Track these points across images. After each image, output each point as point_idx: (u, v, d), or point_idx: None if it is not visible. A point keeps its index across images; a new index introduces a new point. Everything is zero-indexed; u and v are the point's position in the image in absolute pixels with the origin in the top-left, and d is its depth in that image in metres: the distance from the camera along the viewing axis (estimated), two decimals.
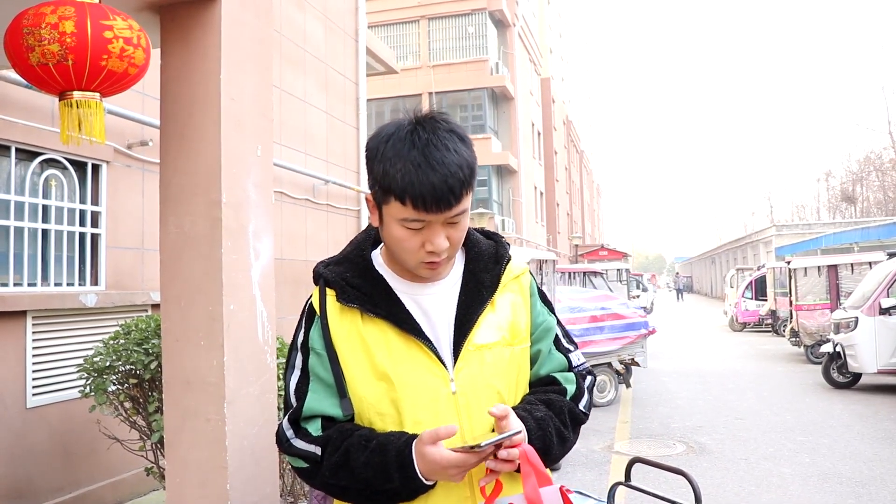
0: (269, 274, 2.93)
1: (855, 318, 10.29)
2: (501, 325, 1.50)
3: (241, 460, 2.68)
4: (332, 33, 9.25)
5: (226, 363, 2.64)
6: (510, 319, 1.51)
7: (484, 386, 1.43)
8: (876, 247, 20.64)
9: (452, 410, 1.40)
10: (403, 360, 1.41)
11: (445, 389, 1.40)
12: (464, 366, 1.42)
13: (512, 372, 1.49)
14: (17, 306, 4.55)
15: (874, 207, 47.95)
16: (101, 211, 5.39)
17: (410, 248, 1.38)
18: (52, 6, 2.36)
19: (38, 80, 2.45)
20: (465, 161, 1.35)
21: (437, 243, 1.36)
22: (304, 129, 8.40)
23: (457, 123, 1.41)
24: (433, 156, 1.32)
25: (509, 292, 1.54)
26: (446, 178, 1.31)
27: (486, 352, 1.45)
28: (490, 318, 1.49)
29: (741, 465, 6.49)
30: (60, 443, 4.86)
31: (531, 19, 36.59)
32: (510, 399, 1.47)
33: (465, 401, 1.41)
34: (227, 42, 2.79)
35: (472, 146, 1.40)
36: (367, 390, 1.41)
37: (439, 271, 1.45)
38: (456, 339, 1.44)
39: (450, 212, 1.34)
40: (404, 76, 21.70)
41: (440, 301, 1.48)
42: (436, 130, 1.35)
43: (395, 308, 1.44)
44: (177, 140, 2.80)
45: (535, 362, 1.57)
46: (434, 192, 1.31)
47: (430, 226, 1.36)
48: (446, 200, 1.32)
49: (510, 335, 1.50)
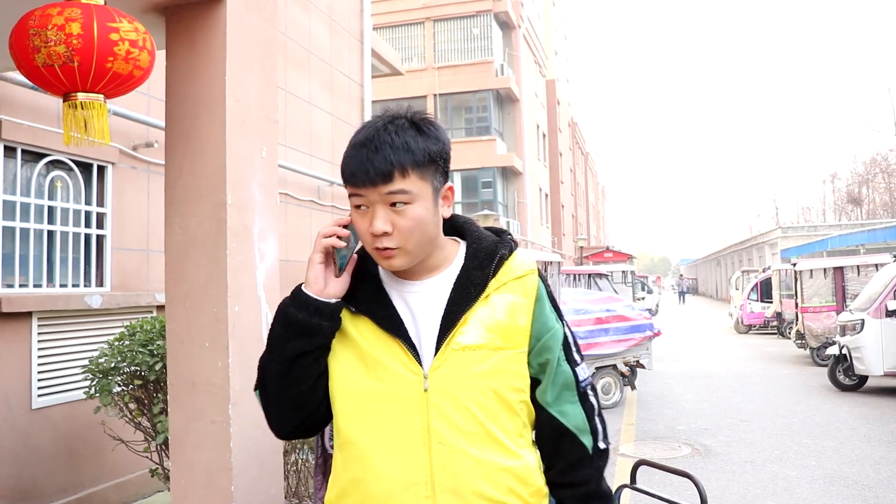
0: (273, 275, 2.93)
1: (861, 320, 10.25)
2: (493, 326, 1.46)
3: (246, 462, 2.68)
4: (337, 35, 9.26)
5: (231, 365, 2.65)
6: (505, 322, 1.47)
7: (461, 387, 1.42)
8: (882, 249, 20.58)
9: (422, 408, 1.41)
10: (380, 355, 1.44)
11: (417, 387, 1.41)
12: (441, 364, 1.42)
13: (500, 376, 1.45)
14: (22, 307, 4.56)
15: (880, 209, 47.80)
16: (107, 212, 5.40)
17: (362, 232, 1.43)
18: (59, 7, 2.37)
19: (43, 81, 2.46)
20: (409, 146, 1.39)
21: (376, 225, 1.39)
22: (309, 131, 8.41)
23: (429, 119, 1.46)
24: (374, 137, 1.39)
25: (509, 293, 1.50)
26: (377, 154, 1.37)
27: (470, 352, 1.43)
28: (480, 317, 1.46)
29: (747, 467, 6.46)
30: (65, 444, 4.87)
31: (536, 21, 36.59)
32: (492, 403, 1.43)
33: (436, 399, 1.41)
34: (232, 44, 2.79)
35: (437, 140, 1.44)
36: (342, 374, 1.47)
37: (393, 262, 1.44)
38: (439, 337, 1.44)
39: (383, 187, 1.37)
40: (409, 78, 21.73)
41: (429, 298, 1.48)
42: (394, 121, 1.42)
43: (376, 305, 1.47)
44: (182, 141, 2.80)
45: (543, 374, 1.51)
46: (362, 164, 1.37)
47: (372, 207, 1.40)
48: (373, 174, 1.36)
49: (502, 338, 1.46)
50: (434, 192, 1.43)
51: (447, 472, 1.38)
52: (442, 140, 1.45)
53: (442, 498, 1.37)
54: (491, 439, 1.42)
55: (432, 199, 1.43)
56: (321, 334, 1.45)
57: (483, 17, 25.95)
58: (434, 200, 1.44)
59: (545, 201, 34.87)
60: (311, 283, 1.45)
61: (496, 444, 1.42)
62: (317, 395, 1.49)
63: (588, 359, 9.55)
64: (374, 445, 1.41)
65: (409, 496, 1.38)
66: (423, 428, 1.39)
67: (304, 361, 1.46)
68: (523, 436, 1.48)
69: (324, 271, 1.46)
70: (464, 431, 1.39)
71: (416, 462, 1.39)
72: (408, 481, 1.39)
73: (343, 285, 1.48)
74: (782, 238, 35.39)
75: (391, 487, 1.39)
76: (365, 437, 1.42)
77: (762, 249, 39.68)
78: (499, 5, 26.04)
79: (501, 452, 1.42)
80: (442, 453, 1.38)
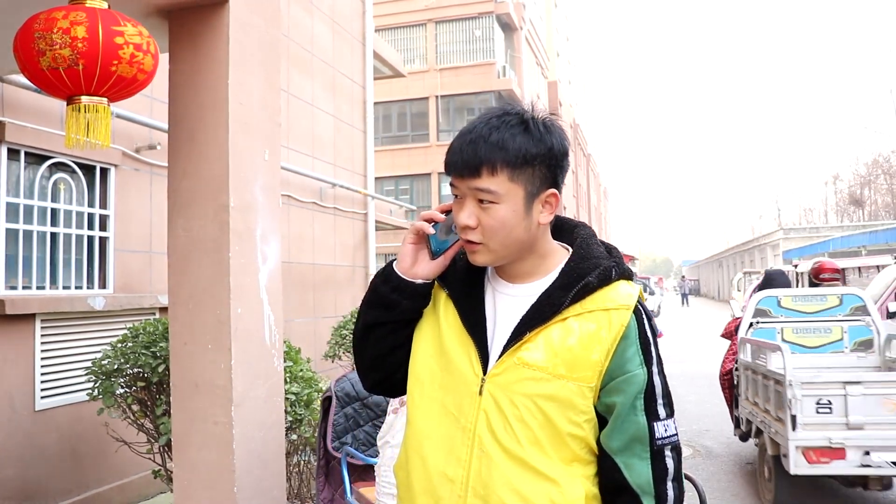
0: (276, 277, 2.94)
1: None
2: (560, 351, 1.38)
3: (249, 463, 2.69)
4: (339, 37, 9.28)
5: (233, 366, 2.66)
6: (576, 350, 1.38)
7: (511, 401, 1.38)
8: (884, 250, 20.54)
9: (474, 410, 1.41)
10: (453, 347, 1.47)
11: (474, 388, 1.42)
12: (499, 373, 1.41)
13: (555, 403, 1.37)
14: (25, 309, 4.58)
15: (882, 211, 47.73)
16: (110, 214, 5.41)
17: (455, 220, 1.44)
18: (64, 11, 2.38)
19: (48, 84, 2.47)
20: (505, 144, 1.35)
21: (461, 216, 1.39)
22: (312, 133, 8.43)
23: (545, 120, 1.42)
24: (475, 129, 1.38)
25: (592, 322, 1.39)
26: (471, 146, 1.36)
27: (528, 370, 1.38)
28: (551, 338, 1.39)
29: (747, 469, 6.46)
30: (68, 445, 4.88)
31: (538, 22, 36.60)
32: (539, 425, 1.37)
33: (486, 405, 1.41)
34: (234, 46, 2.80)
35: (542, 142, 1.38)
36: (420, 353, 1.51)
37: (477, 257, 1.43)
38: (506, 345, 1.43)
39: (470, 181, 1.37)
40: (411, 79, 21.73)
41: (515, 304, 1.45)
42: (505, 115, 1.39)
43: (466, 298, 1.49)
44: (185, 144, 2.81)
45: (609, 417, 1.40)
46: (456, 154, 1.38)
47: (464, 198, 1.40)
48: (461, 166, 1.37)
49: (566, 367, 1.37)
50: (527, 195, 1.38)
51: (481, 479, 1.38)
52: (548, 143, 1.38)
53: (472, 502, 1.39)
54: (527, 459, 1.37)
55: (523, 203, 1.38)
56: (398, 309, 1.49)
57: (485, 18, 25.95)
58: (526, 204, 1.38)
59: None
60: (400, 260, 1.49)
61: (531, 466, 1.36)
62: (394, 361, 1.55)
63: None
64: (428, 430, 1.45)
65: (446, 490, 1.41)
66: (470, 430, 1.41)
67: (379, 331, 1.52)
68: (572, 466, 1.39)
69: (413, 251, 1.48)
70: (502, 445, 1.38)
71: (457, 459, 1.41)
72: (447, 475, 1.41)
73: (435, 268, 1.48)
74: (784, 239, 35.36)
75: (432, 475, 1.42)
76: (423, 421, 1.46)
77: (764, 251, 39.64)
78: (501, 7, 26.04)
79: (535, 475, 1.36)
80: (481, 459, 1.39)
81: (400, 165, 23.80)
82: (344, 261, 9.12)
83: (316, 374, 4.36)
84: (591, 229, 1.57)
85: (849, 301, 6.08)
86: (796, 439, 4.54)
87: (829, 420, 4.54)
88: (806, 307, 6.15)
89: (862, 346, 5.97)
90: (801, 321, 6.10)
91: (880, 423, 4.51)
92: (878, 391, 4.57)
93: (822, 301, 6.13)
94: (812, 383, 4.62)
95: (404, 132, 25.27)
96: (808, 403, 4.57)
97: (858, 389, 4.54)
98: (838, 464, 4.53)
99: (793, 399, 4.55)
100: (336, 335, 6.86)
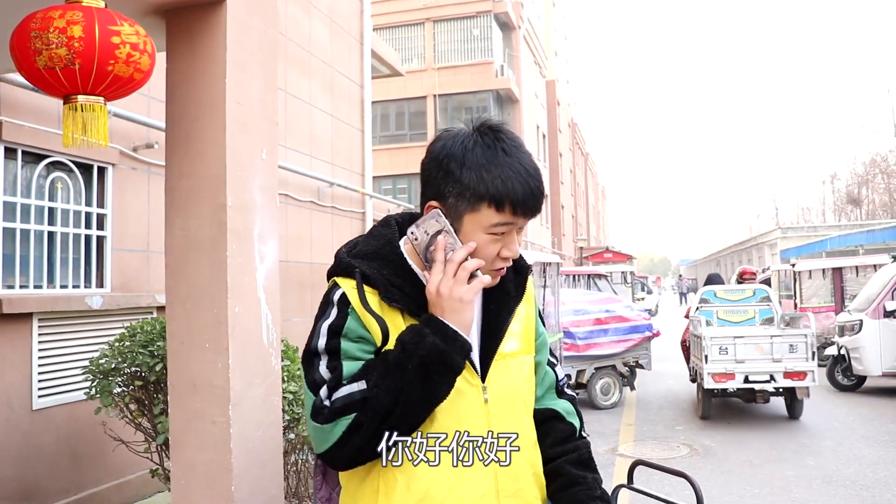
0: (274, 277, 2.94)
1: (859, 320, 10.27)
2: (520, 333, 1.53)
3: (247, 462, 2.69)
4: (337, 36, 9.28)
5: (231, 366, 2.66)
6: (526, 328, 1.55)
7: (510, 395, 1.47)
8: (881, 249, 20.57)
9: (484, 418, 1.42)
10: None
11: (479, 397, 1.42)
12: (495, 375, 1.45)
13: (530, 379, 1.55)
14: (23, 308, 4.58)
15: (879, 210, 47.78)
16: (107, 213, 5.41)
17: (487, 255, 1.38)
18: (61, 10, 2.38)
19: (44, 83, 2.47)
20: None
21: (514, 248, 1.42)
22: (310, 132, 8.42)
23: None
24: (527, 163, 1.39)
25: (524, 302, 1.57)
26: (540, 185, 1.40)
27: (511, 360, 1.49)
28: (513, 327, 1.52)
29: (745, 467, 6.48)
30: (66, 444, 4.88)
31: (536, 21, 36.59)
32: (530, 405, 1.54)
33: (495, 409, 1.43)
34: (232, 45, 2.80)
35: None
36: None
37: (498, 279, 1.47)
38: (486, 347, 1.46)
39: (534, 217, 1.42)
40: (409, 79, 21.72)
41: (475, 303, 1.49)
42: (514, 140, 1.41)
43: None
44: (182, 143, 2.81)
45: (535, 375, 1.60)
46: (533, 196, 1.38)
47: (510, 232, 1.40)
48: (539, 206, 1.41)
49: (526, 344, 1.55)
50: None
51: (509, 478, 1.42)
52: None
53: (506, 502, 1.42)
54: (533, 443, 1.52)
55: None
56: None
57: (483, 17, 25.95)
58: None
59: (545, 202, 34.85)
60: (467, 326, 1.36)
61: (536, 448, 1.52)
62: None
63: (587, 359, 9.57)
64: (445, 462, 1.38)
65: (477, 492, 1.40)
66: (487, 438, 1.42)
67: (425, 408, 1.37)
68: None
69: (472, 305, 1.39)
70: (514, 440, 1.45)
71: (484, 473, 1.40)
72: (480, 492, 1.40)
73: None
74: (782, 238, 35.41)
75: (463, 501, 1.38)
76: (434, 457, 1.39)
77: (762, 250, 39.70)
78: (499, 6, 26.05)
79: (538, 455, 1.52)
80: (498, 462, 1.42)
81: (398, 165, 23.77)
82: None
83: None
84: None
85: (759, 293, 9.83)
86: (708, 368, 8.17)
87: (726, 358, 8.17)
88: (731, 297, 9.85)
89: (767, 321, 9.53)
90: (729, 306, 9.75)
91: (755, 360, 8.14)
92: (754, 342, 8.20)
93: (742, 293, 9.85)
94: (716, 337, 8.26)
95: (402, 131, 25.25)
96: (714, 349, 8.19)
97: (742, 341, 8.22)
98: (731, 382, 8.15)
99: (706, 346, 8.16)
100: None
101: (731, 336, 8.21)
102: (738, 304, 9.68)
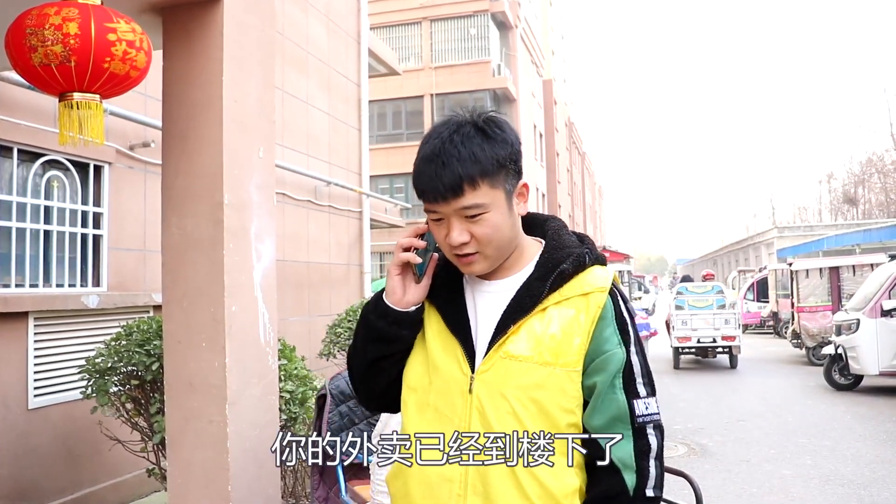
0: (270, 275, 2.93)
1: (857, 320, 10.27)
2: (544, 340, 1.41)
3: (244, 462, 2.69)
4: (334, 35, 9.26)
5: (228, 365, 2.65)
6: (558, 337, 1.41)
7: (500, 396, 1.40)
8: (877, 249, 20.59)
9: (466, 408, 1.42)
10: (439, 351, 1.48)
11: (464, 387, 1.43)
12: (488, 370, 1.43)
13: (546, 392, 1.39)
14: (19, 307, 4.56)
15: (876, 209, 47.84)
16: (103, 212, 5.39)
17: (440, 241, 1.44)
18: (56, 7, 2.37)
19: (40, 80, 2.46)
20: (477, 156, 1.38)
21: (453, 237, 1.40)
22: (307, 131, 8.41)
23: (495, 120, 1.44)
24: (441, 151, 1.38)
25: (569, 308, 1.43)
26: (445, 168, 1.36)
27: (515, 363, 1.41)
28: (533, 329, 1.42)
29: (743, 466, 6.48)
30: (62, 444, 4.86)
31: (533, 21, 36.59)
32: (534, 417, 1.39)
33: (478, 403, 1.42)
34: (229, 44, 2.79)
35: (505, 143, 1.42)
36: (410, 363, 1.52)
37: (474, 267, 1.45)
38: (490, 342, 1.44)
39: (456, 203, 1.37)
40: (406, 78, 21.69)
41: (496, 301, 1.47)
42: (460, 129, 1.40)
43: (447, 302, 1.50)
44: (179, 142, 2.80)
45: (591, 398, 1.41)
46: (432, 181, 1.37)
47: (447, 219, 1.41)
48: (444, 190, 1.37)
49: (551, 354, 1.40)
50: (507, 195, 1.43)
51: (479, 476, 1.39)
52: (510, 141, 1.43)
53: (472, 500, 1.39)
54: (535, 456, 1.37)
55: (506, 204, 1.43)
56: (400, 341, 1.50)
57: (480, 17, 25.93)
58: (508, 204, 1.43)
59: (542, 201, 34.89)
60: (390, 293, 1.48)
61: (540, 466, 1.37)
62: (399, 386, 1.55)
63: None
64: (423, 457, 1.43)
65: (444, 491, 1.41)
66: (463, 428, 1.41)
67: (383, 364, 1.53)
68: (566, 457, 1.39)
69: (402, 281, 1.48)
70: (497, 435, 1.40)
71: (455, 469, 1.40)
72: (445, 476, 1.41)
73: (423, 290, 1.50)
74: (778, 238, 35.42)
75: (430, 478, 1.42)
76: (416, 427, 1.46)
77: (758, 249, 39.73)
78: (496, 5, 26.03)
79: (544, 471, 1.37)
80: None
81: (395, 164, 23.72)
82: (339, 259, 9.11)
83: (310, 372, 4.35)
84: (562, 220, 1.60)
85: (716, 288, 14.10)
86: (675, 335, 13.57)
87: (686, 328, 13.45)
88: (697, 290, 14.13)
89: (721, 307, 13.50)
90: (696, 296, 13.83)
91: (703, 329, 13.35)
92: (704, 317, 13.34)
93: (705, 287, 14.20)
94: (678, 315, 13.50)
95: (399, 130, 25.21)
96: (679, 322, 13.48)
97: (697, 316, 13.41)
98: (688, 344, 13.49)
99: (673, 320, 13.63)
100: (331, 333, 6.84)
101: (689, 314, 13.34)
102: (702, 295, 13.84)
